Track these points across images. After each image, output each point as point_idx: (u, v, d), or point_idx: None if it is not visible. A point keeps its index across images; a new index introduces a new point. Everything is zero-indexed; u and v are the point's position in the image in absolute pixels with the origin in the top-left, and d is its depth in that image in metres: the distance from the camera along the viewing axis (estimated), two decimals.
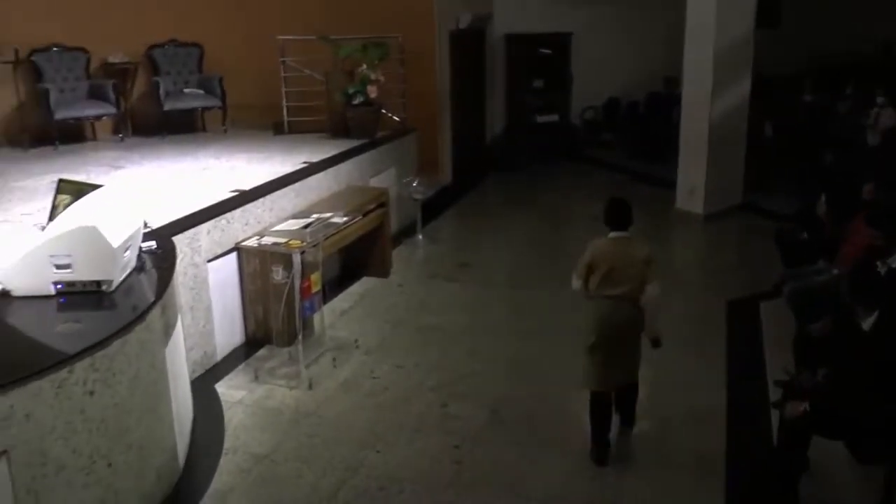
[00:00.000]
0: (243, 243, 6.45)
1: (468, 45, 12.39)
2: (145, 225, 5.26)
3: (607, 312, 4.81)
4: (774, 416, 4.95)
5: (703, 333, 6.75)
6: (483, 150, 13.34)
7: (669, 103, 12.11)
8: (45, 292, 4.39)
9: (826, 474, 4.67)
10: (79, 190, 5.50)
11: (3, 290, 4.44)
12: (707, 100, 9.69)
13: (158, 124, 9.98)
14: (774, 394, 5.17)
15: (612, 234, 4.86)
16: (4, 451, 3.51)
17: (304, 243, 6.12)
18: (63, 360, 3.73)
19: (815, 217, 6.93)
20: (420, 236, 9.41)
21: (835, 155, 9.69)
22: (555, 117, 13.75)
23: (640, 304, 4.77)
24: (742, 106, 9.97)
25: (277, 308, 6.16)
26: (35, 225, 5.97)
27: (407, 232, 9.48)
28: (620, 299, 4.77)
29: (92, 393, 3.85)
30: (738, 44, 9.67)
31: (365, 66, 9.38)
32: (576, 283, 4.91)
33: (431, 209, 10.08)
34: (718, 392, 5.74)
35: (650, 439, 5.40)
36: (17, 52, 9.24)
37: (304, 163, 8.21)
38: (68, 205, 5.06)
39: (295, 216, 7.00)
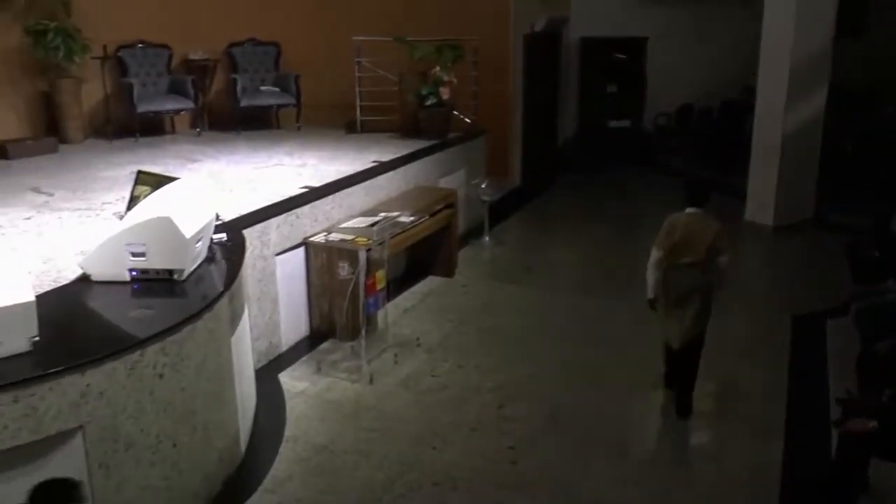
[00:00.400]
0: (311, 239, 6.59)
1: (543, 47, 12.38)
2: (217, 217, 5.44)
3: (678, 279, 5.40)
4: (834, 434, 4.86)
5: (766, 348, 6.64)
6: (554, 153, 13.32)
7: (743, 112, 11.90)
8: (120, 278, 4.59)
9: (885, 497, 4.56)
10: (157, 181, 5.74)
11: (84, 274, 4.67)
12: (781, 110, 9.51)
13: (234, 120, 10.24)
14: (836, 412, 5.07)
15: (688, 210, 5.44)
16: (80, 427, 3.70)
17: (371, 241, 6.23)
18: (135, 344, 3.90)
19: (889, 234, 6.76)
20: (487, 238, 9.45)
21: None
22: (627, 123, 13.68)
23: (705, 272, 5.33)
24: (817, 117, 9.74)
25: (342, 303, 6.28)
26: (114, 214, 6.24)
27: (474, 233, 9.53)
28: (690, 266, 5.34)
29: (161, 376, 4.02)
30: (816, 53, 9.46)
31: (438, 68, 9.47)
32: (655, 254, 5.45)
33: (499, 211, 10.10)
34: (778, 407, 5.65)
35: (706, 449, 5.39)
36: (105, 48, 9.61)
37: (374, 162, 8.32)
38: (148, 195, 5.27)
39: (363, 214, 7.12)
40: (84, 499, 3.19)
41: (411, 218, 7.22)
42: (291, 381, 6.05)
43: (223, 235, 5.43)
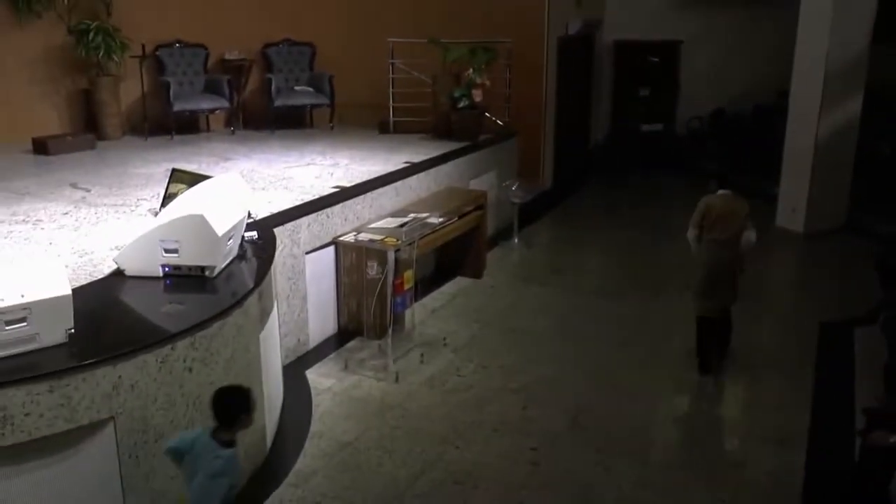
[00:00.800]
0: (341, 238, 6.67)
1: (576, 50, 12.39)
2: (249, 215, 5.53)
3: (712, 254, 6.03)
4: (859, 444, 4.83)
5: (793, 355, 6.61)
6: (585, 156, 13.31)
7: (776, 117, 11.78)
8: (153, 274, 4.70)
9: None
10: (192, 179, 5.86)
11: (118, 269, 4.79)
12: (814, 115, 9.44)
13: (268, 119, 10.37)
14: (861, 421, 5.04)
15: (720, 192, 6.13)
16: (112, 417, 3.80)
17: (400, 241, 6.30)
18: (167, 338, 4.01)
19: None
20: (516, 240, 9.48)
21: None
22: (659, 126, 13.61)
23: (737, 248, 6.00)
24: (852, 122, 9.64)
25: (370, 302, 6.36)
26: (149, 210, 6.37)
27: (503, 235, 9.56)
28: (724, 242, 6.00)
29: (191, 370, 4.12)
30: (852, 58, 9.38)
31: (472, 70, 9.51)
32: (691, 232, 6.13)
33: (529, 213, 10.11)
34: (803, 416, 5.62)
35: (728, 455, 5.37)
36: (143, 47, 9.78)
37: (406, 163, 8.39)
38: (183, 193, 5.38)
39: (393, 214, 7.19)
40: (255, 404, 3.59)
41: (441, 219, 7.27)
42: (318, 377, 6.13)
43: (254, 233, 5.52)
